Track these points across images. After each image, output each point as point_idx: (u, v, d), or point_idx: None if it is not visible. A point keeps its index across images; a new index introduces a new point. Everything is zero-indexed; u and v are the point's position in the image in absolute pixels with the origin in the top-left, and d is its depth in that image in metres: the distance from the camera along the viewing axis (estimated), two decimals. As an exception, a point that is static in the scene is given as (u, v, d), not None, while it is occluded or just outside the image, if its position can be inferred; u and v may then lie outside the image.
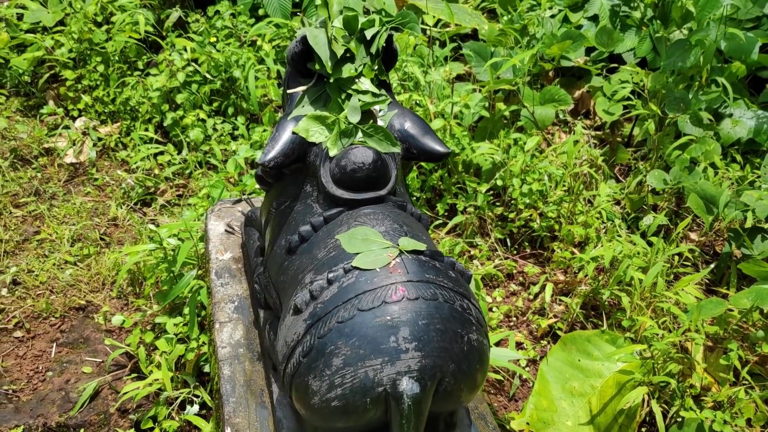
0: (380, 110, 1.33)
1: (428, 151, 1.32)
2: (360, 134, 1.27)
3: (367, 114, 1.30)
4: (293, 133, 1.26)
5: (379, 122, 1.31)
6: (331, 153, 1.25)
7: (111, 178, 2.75)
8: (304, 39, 1.27)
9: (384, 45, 1.31)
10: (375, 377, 1.01)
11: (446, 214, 2.53)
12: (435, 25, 3.15)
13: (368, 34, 1.29)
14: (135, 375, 1.94)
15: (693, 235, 2.52)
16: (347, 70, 1.27)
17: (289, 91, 1.33)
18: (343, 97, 1.28)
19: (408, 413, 1.01)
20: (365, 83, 1.29)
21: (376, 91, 1.31)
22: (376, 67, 1.31)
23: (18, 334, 2.09)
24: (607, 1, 3.26)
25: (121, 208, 2.59)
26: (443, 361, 1.04)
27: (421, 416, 1.03)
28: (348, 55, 1.28)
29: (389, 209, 1.24)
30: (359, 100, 1.27)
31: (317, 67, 1.28)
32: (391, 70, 1.45)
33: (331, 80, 1.27)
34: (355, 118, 1.26)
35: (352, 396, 1.02)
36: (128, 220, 2.55)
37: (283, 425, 1.25)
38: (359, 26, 1.29)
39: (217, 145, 2.74)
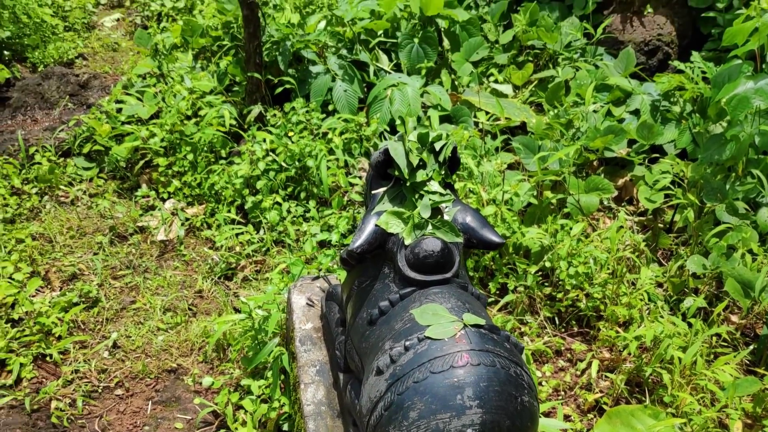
0: (446, 207, 1.60)
1: (486, 241, 1.59)
2: (430, 227, 1.54)
3: (436, 210, 1.57)
4: (376, 225, 1.55)
5: (445, 216, 1.59)
6: (407, 242, 1.52)
7: (197, 255, 3.09)
8: (386, 151, 1.57)
9: (449, 155, 1.60)
10: (444, 428, 1.24)
11: (498, 292, 2.75)
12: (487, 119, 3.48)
13: (437, 146, 1.59)
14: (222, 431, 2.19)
15: (734, 318, 2.67)
16: (420, 176, 1.56)
17: (372, 192, 1.62)
18: (416, 196, 1.57)
19: (471, 459, 1.23)
20: (434, 185, 1.58)
21: (442, 191, 1.59)
22: (443, 172, 1.60)
23: (118, 392, 2.38)
24: (648, 97, 3.53)
25: (207, 281, 2.91)
26: (500, 417, 1.26)
27: (482, 463, 1.25)
28: (421, 163, 1.57)
29: (454, 289, 1.50)
30: (429, 199, 1.55)
31: (396, 172, 1.57)
32: (454, 173, 1.73)
33: (408, 183, 1.56)
34: (426, 214, 1.54)
35: (426, 444, 1.25)
36: (213, 292, 2.86)
37: (362, 472, 1.48)
38: (430, 140, 1.59)
39: (290, 225, 3.06)
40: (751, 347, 2.43)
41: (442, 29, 4.10)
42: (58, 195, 3.42)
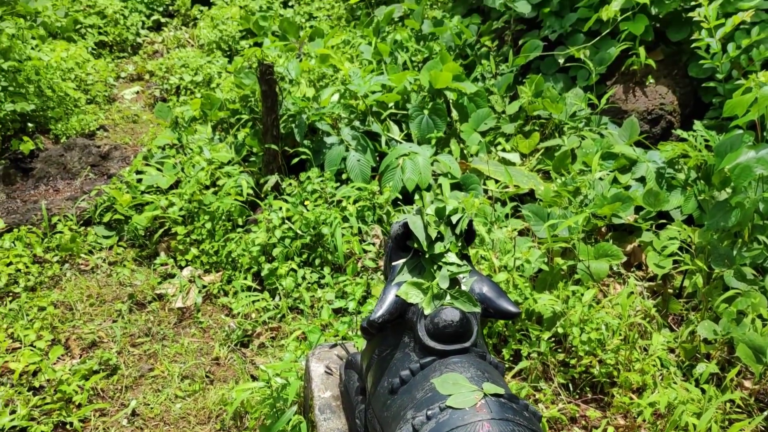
0: (463, 277, 1.67)
1: (502, 311, 1.65)
2: (448, 297, 1.60)
3: (454, 280, 1.64)
4: (396, 295, 1.61)
5: (463, 287, 1.65)
6: (426, 312, 1.58)
7: (214, 322, 3.14)
8: (405, 224, 1.65)
9: (465, 227, 1.68)
10: (468, 495, 1.27)
11: (511, 358, 2.78)
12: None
13: (453, 219, 1.67)
14: (239, 501, 2.20)
15: (747, 383, 2.68)
16: (438, 248, 1.63)
17: (392, 263, 1.70)
18: (435, 267, 1.64)
19: None
20: (451, 257, 1.65)
21: (459, 262, 1.66)
22: (459, 244, 1.68)
23: (137, 460, 2.40)
24: (653, 164, 3.63)
25: (223, 348, 2.96)
26: (522, 485, 1.29)
27: None
28: (439, 235, 1.65)
29: (473, 359, 1.55)
30: (447, 270, 1.62)
31: (415, 245, 1.65)
32: (470, 245, 1.81)
33: (427, 255, 1.64)
34: (444, 285, 1.60)
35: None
36: (230, 360, 2.90)
37: None
38: (447, 213, 1.67)
39: (305, 292, 3.12)
40: (766, 413, 2.44)
41: (451, 101, 4.26)
42: (79, 263, 3.51)
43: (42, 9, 5.84)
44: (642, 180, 3.63)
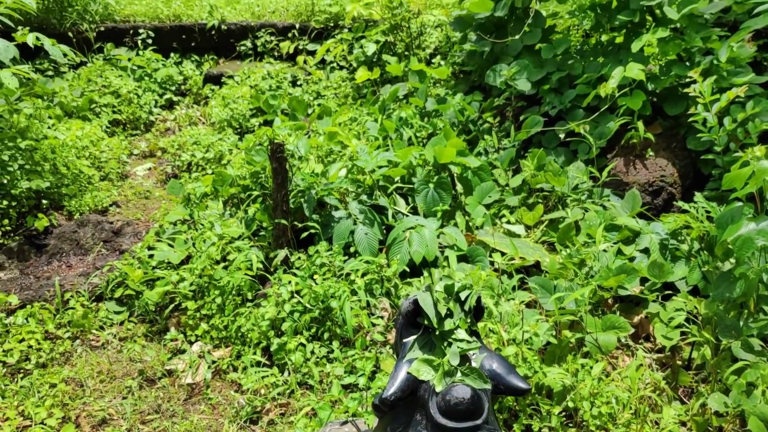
0: (473, 354, 1.70)
1: (513, 388, 1.67)
2: (459, 374, 1.63)
3: (464, 357, 1.67)
4: (408, 373, 1.64)
5: (473, 363, 1.69)
6: (438, 389, 1.61)
7: (223, 398, 3.14)
8: (416, 301, 1.70)
9: (474, 304, 1.72)
10: None
11: (523, 433, 2.76)
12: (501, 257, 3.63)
13: (462, 295, 1.72)
14: None
15: (762, 457, 2.65)
16: (448, 324, 1.68)
17: (403, 340, 1.74)
18: (445, 344, 1.68)
19: None
20: (461, 333, 1.69)
21: (469, 339, 1.70)
22: (468, 321, 1.72)
23: None
24: (656, 236, 3.69)
25: (233, 425, 2.95)
26: None
27: None
28: (448, 312, 1.69)
29: (485, 436, 1.56)
30: (458, 347, 1.66)
31: (426, 321, 1.69)
32: (479, 320, 1.85)
33: (437, 332, 1.68)
34: (455, 362, 1.64)
35: None
36: (239, 437, 2.88)
37: None
38: (455, 290, 1.72)
39: (314, 367, 3.13)
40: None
41: (455, 175, 4.37)
42: (90, 339, 3.54)
43: (59, 89, 6.07)
44: (646, 251, 3.68)
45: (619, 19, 4.54)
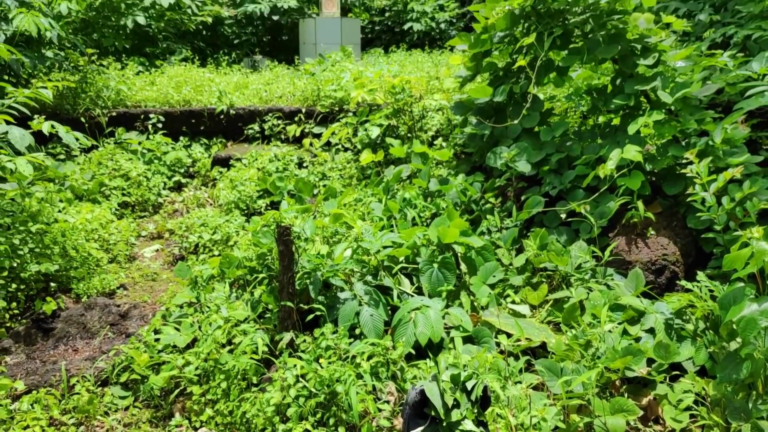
0: (480, 444, 1.71)
1: (521, 479, 1.67)
2: (466, 465, 1.64)
3: (471, 448, 1.68)
4: (415, 465, 1.65)
5: (480, 454, 1.69)
6: (445, 482, 1.61)
7: (228, 487, 3.08)
8: (422, 391, 1.72)
9: (481, 393, 1.74)
10: None
11: None
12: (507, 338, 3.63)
13: (468, 385, 1.74)
14: None
15: None
16: (455, 415, 1.69)
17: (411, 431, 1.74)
18: (452, 435, 1.68)
19: None
20: (468, 424, 1.70)
21: (476, 430, 1.71)
22: (475, 410, 1.73)
23: None
24: (661, 315, 3.70)
25: None
26: None
27: None
28: (455, 402, 1.71)
29: None
30: (465, 438, 1.67)
31: (432, 412, 1.71)
32: (486, 410, 1.86)
33: (444, 423, 1.69)
34: (462, 453, 1.64)
35: None
36: None
37: None
38: (462, 380, 1.74)
39: (321, 454, 3.09)
40: None
41: (459, 255, 4.43)
42: (94, 425, 3.50)
43: (70, 173, 6.23)
44: (651, 331, 3.68)
45: (614, 102, 4.70)
